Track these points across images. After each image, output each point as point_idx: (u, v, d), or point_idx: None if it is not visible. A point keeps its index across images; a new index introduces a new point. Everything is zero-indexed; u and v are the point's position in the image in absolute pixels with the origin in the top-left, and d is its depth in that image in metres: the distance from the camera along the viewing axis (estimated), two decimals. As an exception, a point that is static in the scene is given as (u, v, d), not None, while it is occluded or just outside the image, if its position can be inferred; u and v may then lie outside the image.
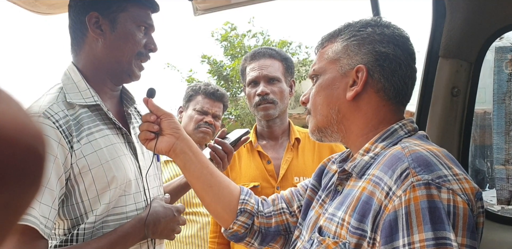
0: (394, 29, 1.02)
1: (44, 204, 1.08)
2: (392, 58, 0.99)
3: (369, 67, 0.99)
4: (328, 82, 1.05)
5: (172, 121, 1.21)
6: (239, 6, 1.74)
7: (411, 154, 0.86)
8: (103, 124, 1.24)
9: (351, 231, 0.89)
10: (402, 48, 1.00)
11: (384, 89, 1.00)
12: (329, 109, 1.04)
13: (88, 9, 1.24)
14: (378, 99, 1.01)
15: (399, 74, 0.99)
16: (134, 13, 1.26)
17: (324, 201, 1.10)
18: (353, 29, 1.03)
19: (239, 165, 1.95)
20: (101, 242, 1.16)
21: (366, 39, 1.00)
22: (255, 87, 1.91)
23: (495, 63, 1.59)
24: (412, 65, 1.02)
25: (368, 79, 0.99)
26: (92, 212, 1.17)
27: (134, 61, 1.27)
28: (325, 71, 1.06)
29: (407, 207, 0.80)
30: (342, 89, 1.02)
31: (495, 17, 1.44)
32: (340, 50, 1.03)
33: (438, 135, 1.51)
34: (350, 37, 1.03)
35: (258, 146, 1.95)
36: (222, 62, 12.67)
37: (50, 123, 1.11)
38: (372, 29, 1.01)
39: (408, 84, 1.02)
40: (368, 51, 1.00)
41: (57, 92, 1.22)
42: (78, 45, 1.28)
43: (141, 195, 1.29)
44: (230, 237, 1.24)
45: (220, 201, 1.21)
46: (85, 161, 1.15)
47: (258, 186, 1.85)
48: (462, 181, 0.83)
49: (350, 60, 1.01)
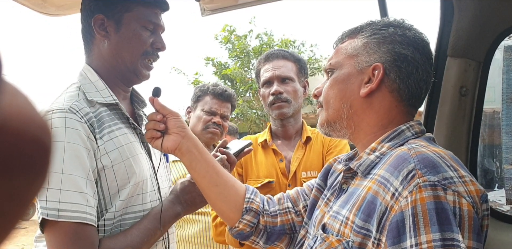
0: (416, 32, 1.02)
1: (89, 195, 1.11)
2: (410, 61, 0.99)
3: (386, 66, 0.99)
4: (344, 77, 1.05)
5: (178, 120, 1.21)
6: (246, 6, 1.75)
7: (417, 155, 0.86)
8: (121, 123, 1.26)
9: (355, 230, 0.89)
10: (422, 52, 1.00)
11: (398, 90, 1.00)
12: (342, 103, 1.04)
13: (95, 12, 1.26)
14: (391, 100, 1.01)
15: (415, 77, 0.99)
16: (139, 13, 1.26)
17: (329, 200, 1.11)
18: (375, 27, 1.03)
19: (255, 161, 1.98)
20: (141, 224, 1.21)
21: (387, 39, 1.00)
22: (269, 87, 1.95)
23: (504, 62, 1.57)
24: (429, 70, 1.02)
25: (384, 78, 0.99)
26: (111, 208, 1.18)
27: (141, 61, 1.28)
28: (341, 66, 1.06)
29: (413, 208, 0.79)
30: (357, 85, 1.02)
31: (503, 16, 1.43)
32: (360, 46, 1.03)
33: (447, 135, 1.51)
34: (371, 35, 1.03)
35: (273, 144, 1.99)
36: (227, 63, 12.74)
37: (77, 118, 1.13)
38: (394, 29, 1.01)
39: (423, 88, 1.02)
40: (388, 50, 1.00)
41: (76, 90, 1.23)
42: (89, 48, 1.30)
43: (155, 193, 1.30)
44: (236, 236, 1.24)
45: (226, 199, 1.21)
46: (108, 158, 1.17)
47: (273, 182, 1.88)
48: (468, 183, 0.83)
49: (368, 57, 1.01)
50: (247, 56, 12.39)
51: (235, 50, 12.45)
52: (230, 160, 1.42)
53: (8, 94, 0.19)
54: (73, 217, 1.06)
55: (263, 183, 1.87)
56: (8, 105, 0.19)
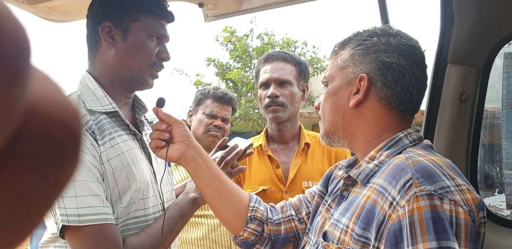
0: (401, 38, 1.03)
1: (103, 196, 1.14)
2: (395, 68, 1.00)
3: (372, 76, 1.01)
4: (335, 89, 1.07)
5: (183, 129, 1.22)
6: (249, 12, 1.76)
7: (414, 164, 0.87)
8: (121, 130, 1.27)
9: (354, 238, 0.90)
10: (408, 58, 1.01)
11: (386, 98, 1.01)
12: (335, 116, 1.06)
13: (102, 19, 1.27)
14: (381, 108, 1.02)
15: (403, 83, 1.00)
16: (146, 23, 1.28)
17: (330, 206, 1.12)
18: (360, 38, 1.05)
19: (249, 168, 1.95)
20: (160, 218, 1.25)
21: (371, 49, 1.02)
22: (266, 89, 1.92)
23: (504, 68, 1.59)
24: (418, 74, 1.02)
25: (370, 88, 1.01)
26: (114, 214, 1.19)
27: (149, 71, 1.30)
28: (333, 78, 1.08)
29: (411, 217, 0.81)
30: (346, 97, 1.05)
31: (503, 23, 1.44)
32: (347, 58, 1.05)
33: (447, 141, 1.52)
34: (357, 46, 1.04)
35: (268, 150, 1.96)
36: (229, 64, 12.75)
37: None
38: (377, 38, 1.03)
39: (413, 93, 1.02)
40: (372, 60, 1.01)
41: (76, 99, 1.24)
42: (93, 54, 1.31)
43: (156, 199, 1.32)
44: (240, 245, 1.25)
45: (230, 208, 1.22)
46: (109, 165, 1.18)
47: (267, 190, 1.87)
48: (465, 192, 0.84)
49: (355, 68, 1.03)
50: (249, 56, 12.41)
51: (237, 51, 12.47)
52: (235, 162, 1.42)
53: (37, 79, 0.19)
54: (93, 219, 1.10)
55: (258, 192, 1.84)
56: (38, 91, 0.19)
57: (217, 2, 1.62)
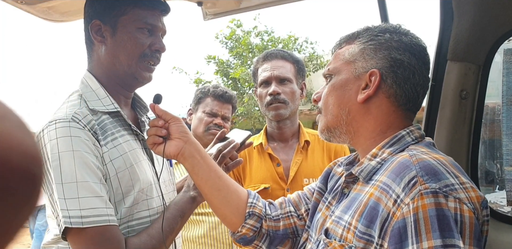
0: (412, 37, 1.03)
1: (106, 197, 1.13)
2: (406, 66, 1.00)
3: (383, 72, 1.00)
4: (341, 83, 1.06)
5: (181, 126, 1.22)
6: (248, 11, 1.76)
7: (418, 162, 0.87)
8: (123, 130, 1.26)
9: (358, 235, 0.90)
10: (418, 57, 1.01)
11: (395, 95, 1.01)
12: (340, 110, 1.05)
13: (92, 18, 1.26)
14: (388, 105, 1.02)
15: (412, 82, 1.01)
16: (134, 15, 1.25)
17: (331, 203, 1.12)
18: (372, 33, 1.05)
19: (250, 167, 1.96)
20: (160, 218, 1.24)
21: (383, 45, 1.02)
22: (267, 87, 1.93)
23: (504, 65, 1.58)
24: (426, 75, 1.03)
25: (380, 84, 1.01)
26: (117, 215, 1.18)
27: (139, 63, 1.26)
28: (339, 71, 1.07)
29: (415, 215, 0.81)
30: (354, 91, 1.04)
31: (503, 19, 1.43)
32: (357, 52, 1.05)
33: (447, 138, 1.52)
34: (368, 41, 1.04)
35: (269, 148, 1.96)
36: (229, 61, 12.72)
37: (81, 127, 1.14)
38: (390, 35, 1.02)
39: (420, 92, 1.03)
40: (384, 56, 1.01)
41: (78, 99, 1.24)
42: (89, 54, 1.31)
43: (159, 199, 1.31)
44: (239, 241, 1.25)
45: (228, 204, 1.22)
46: (112, 166, 1.18)
47: (268, 188, 1.87)
48: (469, 190, 0.85)
49: (365, 63, 1.03)
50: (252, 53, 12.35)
51: (239, 47, 12.41)
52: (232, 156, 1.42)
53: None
54: (96, 221, 1.09)
55: (259, 190, 1.85)
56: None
57: (216, 1, 1.61)
